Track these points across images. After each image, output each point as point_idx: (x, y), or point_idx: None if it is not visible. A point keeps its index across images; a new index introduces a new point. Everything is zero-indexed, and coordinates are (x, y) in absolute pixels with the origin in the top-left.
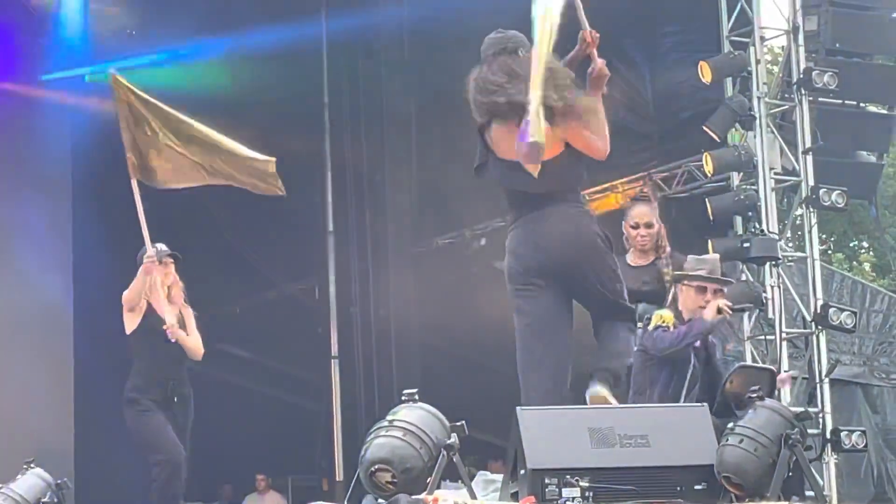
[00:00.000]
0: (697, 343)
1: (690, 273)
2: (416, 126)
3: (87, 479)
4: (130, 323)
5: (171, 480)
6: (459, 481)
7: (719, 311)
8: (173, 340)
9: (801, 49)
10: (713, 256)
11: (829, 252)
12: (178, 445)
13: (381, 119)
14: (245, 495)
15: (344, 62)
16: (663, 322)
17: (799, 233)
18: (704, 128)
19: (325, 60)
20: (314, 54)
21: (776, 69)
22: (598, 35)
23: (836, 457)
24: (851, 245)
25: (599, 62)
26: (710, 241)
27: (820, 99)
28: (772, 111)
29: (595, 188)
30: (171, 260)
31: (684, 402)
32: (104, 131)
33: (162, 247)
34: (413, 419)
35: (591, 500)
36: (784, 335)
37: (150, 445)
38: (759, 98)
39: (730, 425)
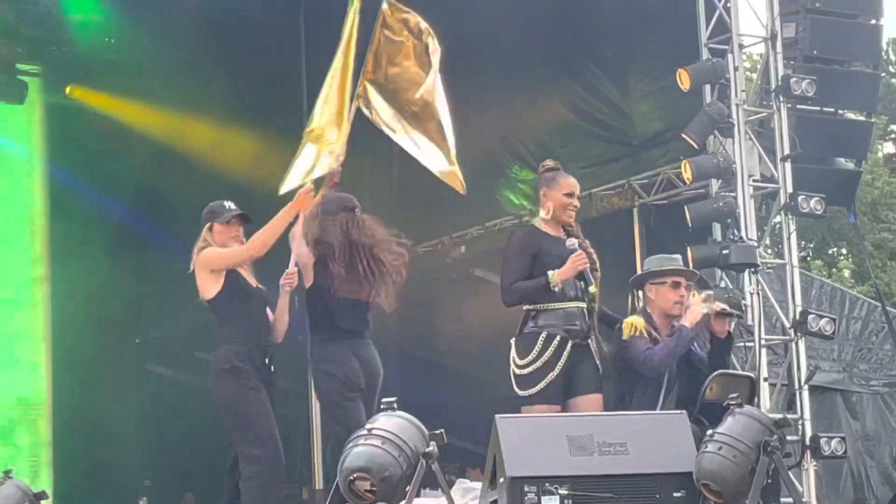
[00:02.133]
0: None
1: (663, 269)
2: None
3: (67, 489)
4: (213, 285)
5: (269, 486)
6: (439, 489)
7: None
8: (292, 287)
9: (780, 56)
10: (675, 256)
11: (808, 259)
12: (279, 439)
13: (360, 127)
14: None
15: (322, 69)
16: (636, 331)
17: (778, 239)
18: (683, 135)
19: (303, 66)
20: (292, 59)
21: (754, 76)
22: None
23: (815, 463)
24: (830, 252)
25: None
26: (689, 248)
27: (798, 106)
28: (750, 118)
29: None
30: (240, 221)
31: (663, 405)
32: (81, 137)
33: (231, 205)
34: (392, 427)
35: None
36: (763, 342)
37: (249, 431)
38: (737, 105)
39: (709, 432)
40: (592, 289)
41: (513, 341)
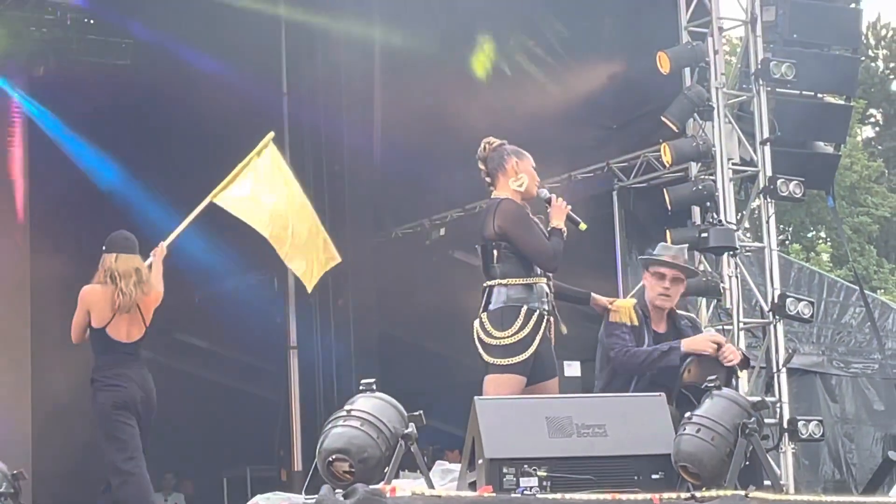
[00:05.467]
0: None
1: (648, 257)
2: (376, 116)
3: (44, 471)
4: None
5: None
6: (417, 471)
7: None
8: None
9: (759, 39)
10: (680, 245)
11: (787, 242)
12: None
13: (340, 109)
14: (196, 485)
15: (303, 50)
16: (619, 319)
17: (757, 223)
18: (663, 118)
19: (283, 49)
20: (272, 42)
21: (734, 60)
22: None
23: (793, 446)
24: (809, 235)
25: None
26: (668, 232)
27: (777, 89)
28: (730, 101)
29: (554, 178)
30: None
31: (635, 388)
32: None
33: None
34: (370, 409)
35: (548, 489)
36: (742, 325)
37: None
38: (717, 88)
39: (687, 414)
40: (583, 226)
41: (484, 316)
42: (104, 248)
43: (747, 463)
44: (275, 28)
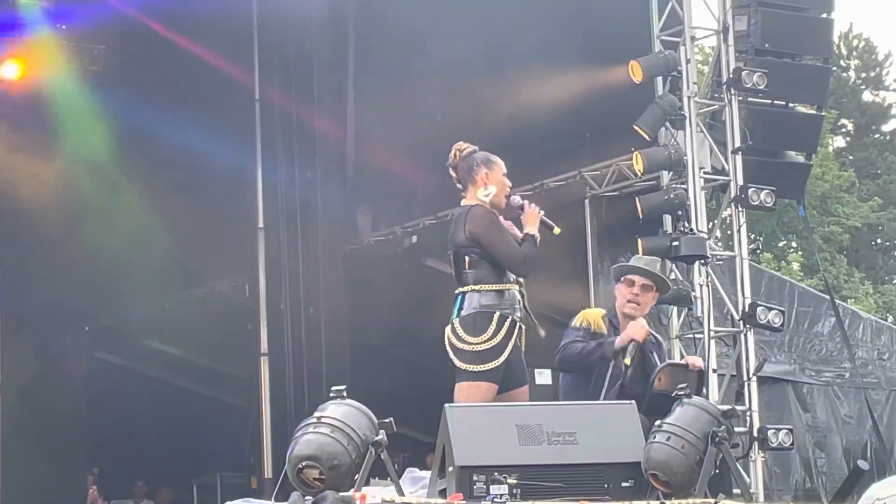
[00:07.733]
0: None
1: (621, 265)
2: (349, 123)
3: (14, 477)
4: None
5: None
6: (388, 478)
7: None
8: None
9: (731, 49)
10: (652, 258)
11: (758, 251)
12: None
13: (313, 116)
14: (171, 493)
15: (276, 58)
16: (583, 322)
17: (728, 232)
18: (635, 127)
19: (255, 58)
20: (245, 50)
21: (706, 69)
22: None
23: (763, 454)
24: (780, 244)
25: None
26: (639, 240)
27: (749, 99)
28: (702, 110)
29: (525, 186)
30: None
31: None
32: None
33: None
34: (341, 415)
35: (518, 497)
36: (712, 333)
37: None
38: (689, 97)
39: (657, 423)
40: (557, 230)
41: (457, 321)
42: None
43: (717, 471)
44: (247, 37)
